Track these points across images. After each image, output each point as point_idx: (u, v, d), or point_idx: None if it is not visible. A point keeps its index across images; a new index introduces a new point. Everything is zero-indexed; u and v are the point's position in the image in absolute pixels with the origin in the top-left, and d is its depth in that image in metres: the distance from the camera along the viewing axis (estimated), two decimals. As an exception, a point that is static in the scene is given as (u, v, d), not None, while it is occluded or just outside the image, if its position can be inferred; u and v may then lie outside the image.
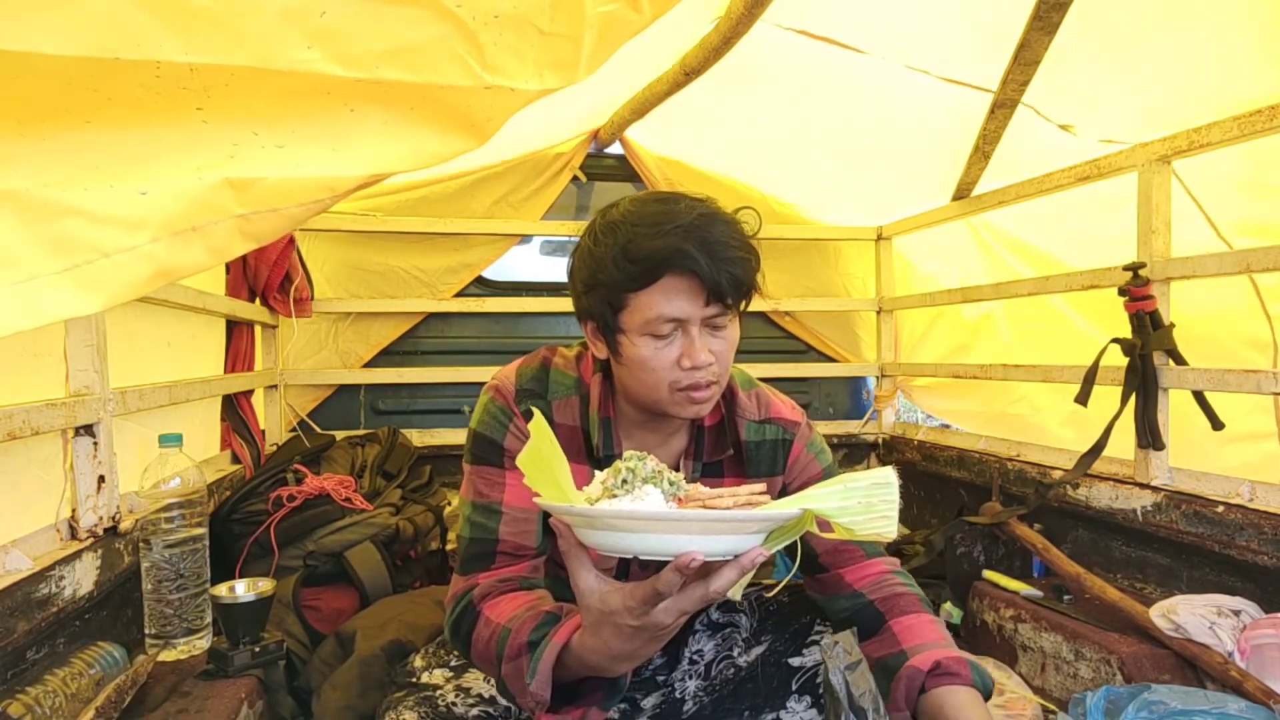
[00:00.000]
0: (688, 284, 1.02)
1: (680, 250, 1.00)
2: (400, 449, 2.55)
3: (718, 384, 1.09)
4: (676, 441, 1.20)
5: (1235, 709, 1.22)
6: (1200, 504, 1.72)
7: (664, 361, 1.05)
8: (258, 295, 2.45)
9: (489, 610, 1.06)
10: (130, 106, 0.71)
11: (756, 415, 1.22)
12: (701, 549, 0.76)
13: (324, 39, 0.73)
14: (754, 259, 1.08)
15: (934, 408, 3.30)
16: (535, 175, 2.97)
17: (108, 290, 0.72)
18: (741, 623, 1.26)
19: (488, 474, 1.15)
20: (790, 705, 1.10)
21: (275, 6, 0.71)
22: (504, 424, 1.15)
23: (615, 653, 0.89)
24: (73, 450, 1.40)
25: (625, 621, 0.85)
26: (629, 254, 1.02)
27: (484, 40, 0.79)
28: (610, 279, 1.04)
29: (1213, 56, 1.84)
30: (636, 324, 1.04)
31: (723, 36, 2.00)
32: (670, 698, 1.24)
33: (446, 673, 1.18)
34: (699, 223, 1.03)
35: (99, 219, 0.71)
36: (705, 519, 0.76)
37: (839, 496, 0.80)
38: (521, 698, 0.98)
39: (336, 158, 0.81)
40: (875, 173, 2.88)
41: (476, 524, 1.14)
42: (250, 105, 0.76)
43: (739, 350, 1.14)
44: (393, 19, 0.75)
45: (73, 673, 1.24)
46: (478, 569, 1.12)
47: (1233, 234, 2.08)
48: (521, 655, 0.97)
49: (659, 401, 1.08)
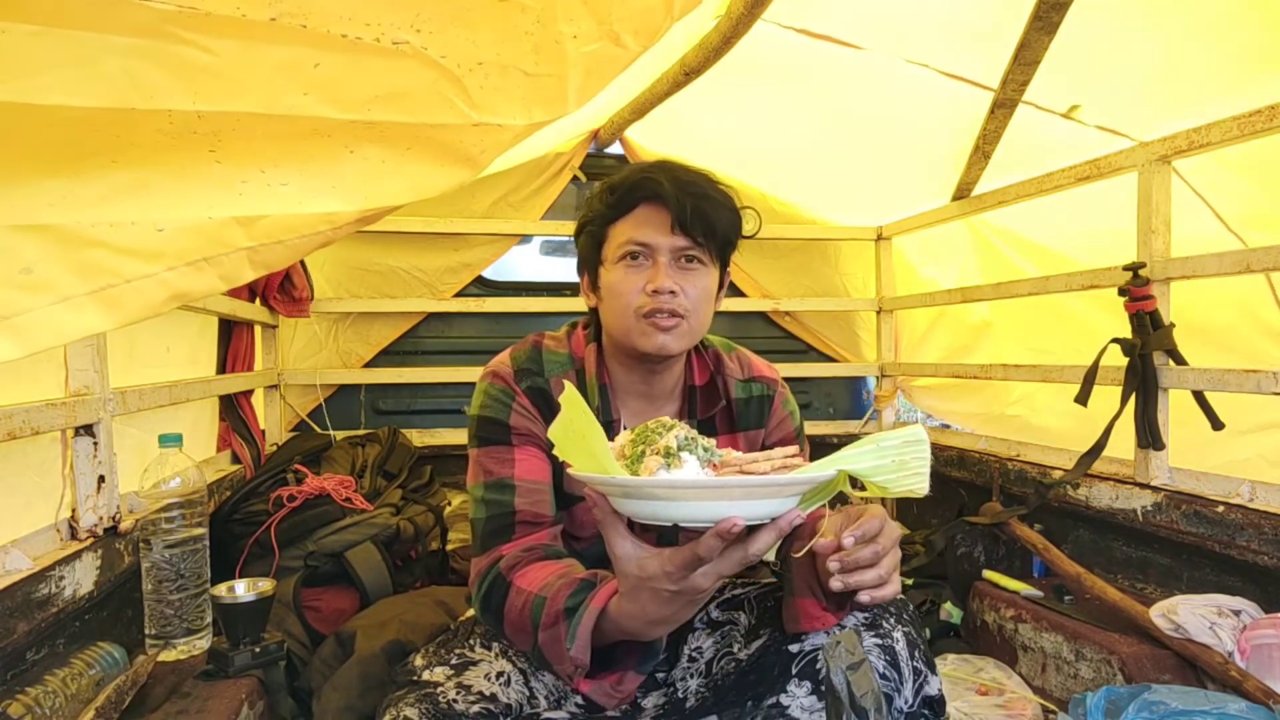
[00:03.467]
0: (658, 212, 1.13)
1: (651, 179, 1.13)
2: (400, 449, 2.54)
3: (685, 321, 1.14)
4: (670, 405, 1.26)
5: (1235, 709, 1.22)
6: (1200, 504, 1.72)
7: (632, 285, 1.14)
8: (257, 295, 2.45)
9: (519, 580, 1.07)
10: (148, 149, 0.80)
11: (741, 375, 1.30)
12: (742, 514, 0.77)
13: (318, 87, 0.82)
14: (732, 212, 1.17)
15: (934, 408, 3.31)
16: (535, 175, 2.97)
17: (127, 310, 0.81)
18: (740, 620, 1.26)
19: (496, 453, 1.17)
20: (790, 689, 1.10)
21: (271, 60, 0.79)
22: (507, 404, 1.18)
23: (653, 617, 0.91)
24: (73, 450, 1.40)
25: (664, 586, 0.86)
26: (611, 187, 1.17)
27: (469, 84, 0.87)
28: (596, 214, 1.18)
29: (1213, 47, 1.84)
30: (613, 252, 1.16)
31: (723, 36, 2.00)
32: (673, 697, 1.24)
33: (447, 670, 1.18)
34: (677, 167, 1.16)
35: (121, 250, 0.80)
36: (746, 484, 0.76)
37: (872, 456, 0.80)
38: (560, 664, 0.99)
39: (336, 195, 0.89)
40: (875, 173, 2.88)
41: (491, 501, 1.15)
42: (257, 147, 0.84)
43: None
44: (380, 70, 0.83)
45: (73, 673, 1.24)
46: (499, 542, 1.13)
47: (1242, 227, 2.08)
48: (559, 622, 0.98)
49: (628, 331, 1.15)
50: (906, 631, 1.14)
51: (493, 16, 0.84)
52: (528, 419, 1.18)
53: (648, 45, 0.95)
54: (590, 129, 2.96)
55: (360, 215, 0.92)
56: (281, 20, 0.76)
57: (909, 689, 1.11)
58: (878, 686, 1.09)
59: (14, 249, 0.76)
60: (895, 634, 1.13)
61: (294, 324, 2.77)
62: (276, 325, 2.64)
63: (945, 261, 3.07)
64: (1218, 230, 2.12)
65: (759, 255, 3.16)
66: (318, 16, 0.78)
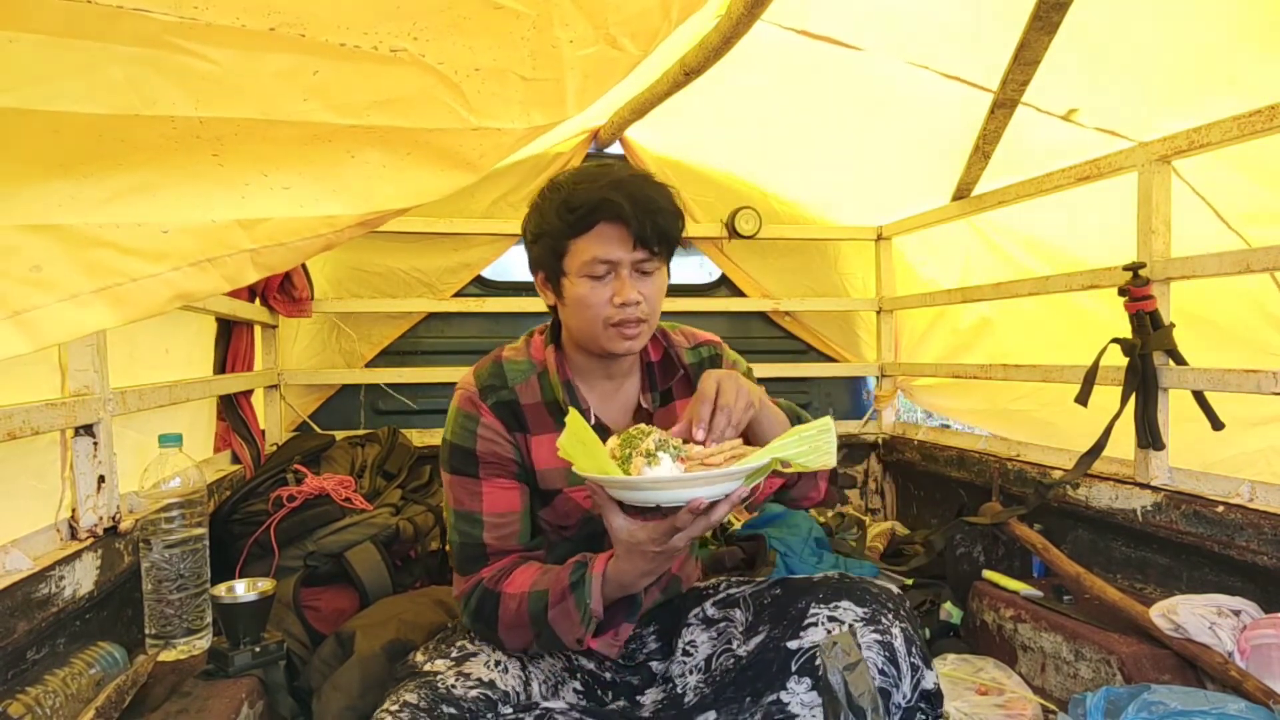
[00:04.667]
0: (618, 231, 1.19)
1: (611, 200, 1.17)
2: (400, 449, 2.54)
3: (647, 323, 1.25)
4: (632, 384, 1.37)
5: (1235, 709, 1.22)
6: (1200, 504, 1.72)
7: (599, 299, 1.21)
8: (257, 295, 2.45)
9: (508, 588, 1.22)
10: (152, 153, 0.83)
11: (688, 344, 1.42)
12: (706, 495, 1.04)
13: (318, 93, 0.85)
14: (679, 218, 1.25)
15: (936, 405, 3.31)
16: (535, 175, 2.97)
17: (133, 308, 0.84)
18: (736, 618, 1.27)
19: (465, 484, 1.27)
20: (790, 686, 1.12)
21: (270, 68, 0.81)
22: (472, 430, 1.27)
23: (642, 570, 1.15)
24: (72, 450, 1.40)
25: (650, 549, 1.11)
26: (569, 204, 1.19)
27: (467, 90, 0.90)
28: (554, 228, 1.21)
29: (1213, 47, 1.84)
30: (576, 266, 1.21)
31: (723, 36, 2.00)
32: (672, 693, 1.26)
33: (448, 662, 1.23)
34: (630, 180, 1.21)
35: (127, 251, 0.83)
36: (708, 477, 1.03)
37: (795, 444, 1.08)
38: (572, 632, 1.17)
39: (338, 198, 0.91)
40: (875, 172, 2.88)
41: (463, 531, 1.27)
42: (259, 151, 0.87)
43: (740, 350, 1.31)
44: (379, 76, 0.86)
45: (73, 673, 1.24)
46: (476, 568, 1.26)
47: (1243, 224, 2.08)
48: (567, 597, 1.17)
49: (596, 337, 1.24)
50: (904, 628, 1.15)
51: (488, 23, 0.86)
52: (494, 441, 1.27)
53: (647, 49, 0.96)
54: (590, 129, 2.96)
55: (362, 219, 0.94)
56: (280, 30, 0.78)
57: (907, 684, 1.13)
58: (874, 686, 1.10)
59: (24, 248, 0.79)
60: (894, 630, 1.14)
61: (294, 324, 2.77)
62: (276, 325, 2.64)
63: (945, 261, 3.07)
64: (1218, 228, 2.11)
65: (759, 255, 3.16)
66: (315, 26, 0.80)
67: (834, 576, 1.27)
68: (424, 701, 1.09)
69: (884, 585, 1.25)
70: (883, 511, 3.12)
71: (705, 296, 3.19)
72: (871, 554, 2.45)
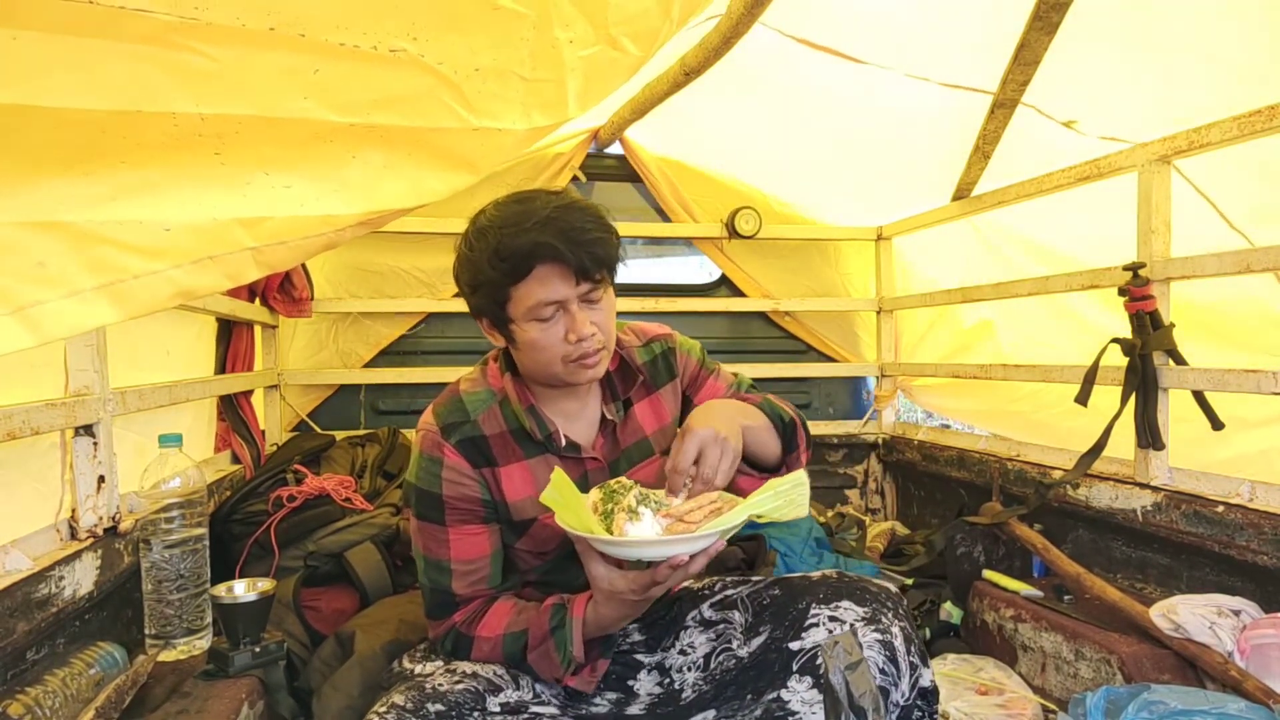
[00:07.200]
0: (558, 270, 1.16)
1: (544, 243, 1.13)
2: (400, 449, 2.54)
3: (605, 349, 1.23)
4: (594, 398, 1.35)
5: (1235, 709, 1.22)
6: (1200, 504, 1.72)
7: (552, 339, 1.19)
8: (257, 295, 2.45)
9: (481, 631, 1.25)
10: (154, 151, 0.84)
11: (638, 342, 1.40)
12: (684, 551, 1.08)
13: (318, 91, 0.85)
14: (613, 236, 1.20)
15: (936, 406, 3.30)
16: (535, 175, 2.97)
17: (135, 304, 0.85)
18: (735, 619, 1.28)
19: (432, 531, 1.27)
20: (791, 685, 1.13)
21: (271, 65, 0.82)
22: (436, 474, 1.25)
23: (621, 615, 1.19)
24: (72, 450, 1.40)
25: (629, 597, 1.14)
26: (500, 254, 1.15)
27: (467, 90, 0.90)
28: (489, 279, 1.17)
29: (1217, 53, 1.83)
30: (522, 312, 1.18)
31: (723, 36, 2.00)
32: (669, 689, 1.26)
33: (437, 664, 1.24)
34: (556, 214, 1.15)
35: (129, 248, 0.84)
36: (688, 539, 1.08)
37: (770, 500, 1.12)
38: (551, 673, 1.21)
39: (339, 197, 0.92)
40: (875, 173, 2.88)
41: (432, 578, 1.28)
42: (260, 150, 0.87)
43: (740, 350, 1.19)
44: (379, 76, 0.86)
45: (72, 673, 1.24)
46: (447, 614, 1.28)
47: (1245, 222, 2.07)
48: (547, 640, 1.20)
49: (556, 375, 1.22)
50: (903, 627, 1.16)
51: (488, 23, 0.86)
52: (459, 483, 1.25)
53: (649, 50, 0.96)
54: (590, 129, 2.96)
55: (363, 218, 0.94)
56: (280, 29, 0.79)
57: (905, 683, 1.13)
58: (875, 686, 1.10)
59: (28, 244, 0.80)
60: (894, 629, 1.15)
61: (294, 324, 2.77)
62: (276, 325, 2.64)
63: (945, 261, 3.07)
64: (1219, 226, 2.11)
65: (759, 255, 3.16)
66: (315, 26, 0.80)
67: (832, 575, 1.27)
68: (410, 703, 1.10)
69: (881, 584, 1.25)
70: (883, 511, 3.12)
71: (705, 296, 3.18)
72: (871, 554, 2.45)
